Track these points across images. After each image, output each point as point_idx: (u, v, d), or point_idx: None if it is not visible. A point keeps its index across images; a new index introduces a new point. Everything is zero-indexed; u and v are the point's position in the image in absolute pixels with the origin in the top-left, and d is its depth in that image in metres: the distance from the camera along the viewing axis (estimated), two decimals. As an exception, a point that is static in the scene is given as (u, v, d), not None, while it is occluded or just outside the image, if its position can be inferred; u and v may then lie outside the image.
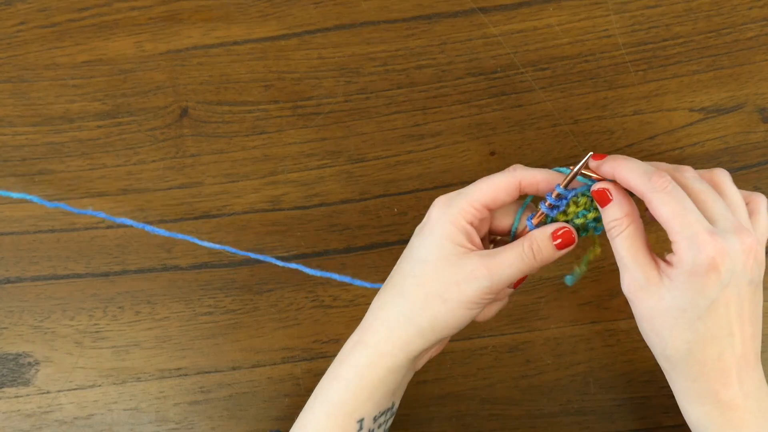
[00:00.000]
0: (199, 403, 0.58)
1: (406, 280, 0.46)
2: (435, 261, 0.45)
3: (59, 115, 0.60)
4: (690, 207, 0.43)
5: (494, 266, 0.45)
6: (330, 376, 0.47)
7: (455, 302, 0.45)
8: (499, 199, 0.47)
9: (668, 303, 0.43)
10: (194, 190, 0.59)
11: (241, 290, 0.59)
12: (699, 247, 0.42)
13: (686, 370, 0.44)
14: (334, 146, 0.59)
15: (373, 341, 0.46)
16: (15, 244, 0.59)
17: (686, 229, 0.42)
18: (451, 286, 0.45)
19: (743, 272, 0.43)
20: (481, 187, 0.46)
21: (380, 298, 0.48)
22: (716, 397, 0.44)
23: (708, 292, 0.42)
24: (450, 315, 0.46)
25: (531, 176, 0.47)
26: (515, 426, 0.58)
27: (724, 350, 0.43)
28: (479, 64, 0.59)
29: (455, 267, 0.45)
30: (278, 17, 0.60)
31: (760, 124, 0.59)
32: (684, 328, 0.43)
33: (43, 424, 0.58)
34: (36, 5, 0.60)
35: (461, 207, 0.46)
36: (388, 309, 0.46)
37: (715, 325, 0.43)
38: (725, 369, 0.43)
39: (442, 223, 0.46)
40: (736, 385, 0.43)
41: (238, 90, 0.60)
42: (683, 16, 0.60)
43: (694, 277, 0.42)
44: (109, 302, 0.58)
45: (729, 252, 0.42)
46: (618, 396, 0.58)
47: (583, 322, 0.58)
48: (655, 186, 0.43)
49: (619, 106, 0.59)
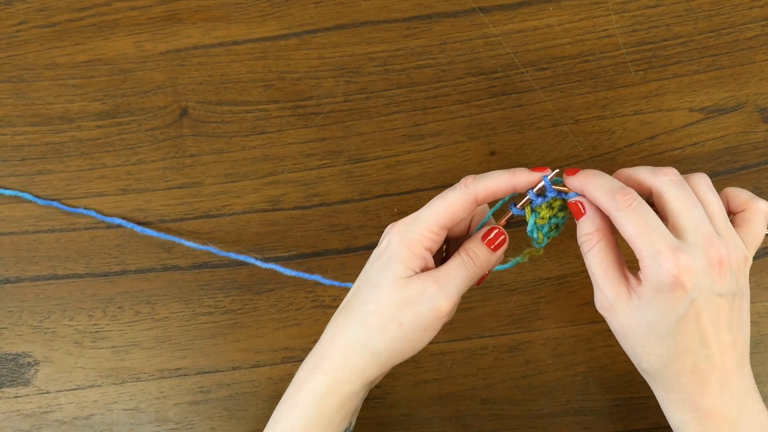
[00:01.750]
0: (199, 403, 0.58)
1: (362, 306, 0.46)
2: (388, 285, 0.45)
3: (59, 114, 0.60)
4: (654, 224, 0.43)
5: (442, 279, 0.45)
6: (288, 403, 0.47)
7: (410, 326, 0.45)
8: (456, 218, 0.46)
9: (638, 320, 0.43)
10: (194, 190, 0.59)
11: (241, 290, 0.59)
12: (661, 264, 0.42)
13: (662, 382, 0.44)
14: (334, 146, 0.59)
15: (331, 368, 0.46)
16: (14, 244, 0.59)
17: (649, 247, 0.42)
18: (405, 308, 0.45)
19: (712, 286, 0.43)
20: (437, 210, 0.46)
21: (337, 323, 0.47)
22: (694, 406, 0.44)
23: (674, 308, 0.42)
24: (406, 339, 0.46)
25: (485, 188, 0.46)
26: (515, 426, 0.58)
27: (699, 362, 0.43)
28: (479, 64, 0.59)
29: (407, 288, 0.45)
30: (278, 17, 0.60)
31: (761, 124, 0.59)
32: (655, 344, 0.43)
33: (42, 425, 0.58)
34: (36, 5, 0.60)
35: (419, 233, 0.46)
36: (346, 335, 0.46)
37: (686, 339, 0.43)
38: (702, 380, 0.43)
39: (398, 249, 0.46)
40: (715, 394, 0.43)
41: (237, 90, 0.60)
42: (683, 16, 0.60)
43: (659, 294, 0.42)
44: (108, 302, 0.58)
45: (692, 268, 0.42)
46: (618, 396, 0.58)
47: (583, 322, 0.58)
48: (618, 204, 0.43)
49: (619, 106, 0.59)
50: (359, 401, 0.48)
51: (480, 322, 0.58)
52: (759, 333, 0.58)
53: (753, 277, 0.58)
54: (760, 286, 0.58)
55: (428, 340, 0.46)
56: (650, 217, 0.43)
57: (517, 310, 0.59)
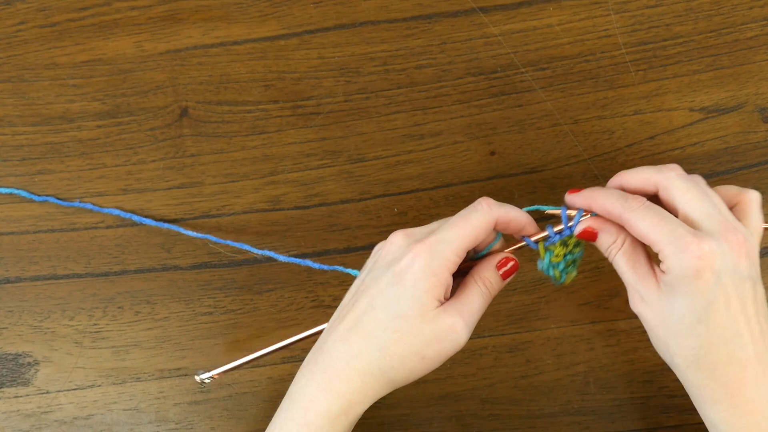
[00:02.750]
0: (199, 403, 0.58)
1: (384, 334, 0.45)
2: (414, 318, 0.44)
3: (59, 114, 0.60)
4: (668, 216, 0.43)
5: (466, 313, 0.46)
6: (297, 421, 0.46)
7: (433, 360, 0.45)
8: (478, 241, 0.46)
9: (668, 311, 0.43)
10: (194, 190, 0.59)
11: (241, 290, 0.59)
12: (684, 250, 0.42)
13: (697, 376, 0.43)
14: (334, 146, 0.59)
15: (347, 392, 0.45)
16: (15, 244, 0.59)
17: (668, 236, 0.42)
18: (431, 344, 0.45)
19: (736, 270, 0.42)
20: (463, 233, 0.45)
21: (350, 342, 0.46)
22: (731, 401, 0.43)
23: (703, 294, 0.42)
24: (425, 371, 0.46)
25: (505, 214, 0.46)
26: (515, 426, 0.58)
27: (734, 352, 0.42)
28: (479, 64, 0.59)
29: (435, 323, 0.45)
30: (278, 17, 0.60)
31: (761, 124, 0.59)
32: (687, 334, 0.43)
33: (42, 424, 0.58)
34: (36, 5, 0.60)
35: (447, 258, 0.45)
36: (364, 359, 0.45)
37: (719, 326, 0.42)
38: (737, 372, 0.42)
39: (425, 277, 0.44)
40: (752, 387, 0.42)
41: (237, 90, 0.60)
42: (683, 16, 0.60)
43: (685, 281, 0.42)
44: (108, 302, 0.58)
45: (716, 251, 0.42)
46: (618, 396, 0.58)
47: (583, 322, 0.58)
48: (631, 206, 0.44)
49: (619, 106, 0.59)
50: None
51: (480, 322, 0.58)
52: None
53: (753, 277, 0.58)
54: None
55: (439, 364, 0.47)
56: (663, 212, 0.43)
57: (517, 310, 0.59)
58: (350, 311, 0.47)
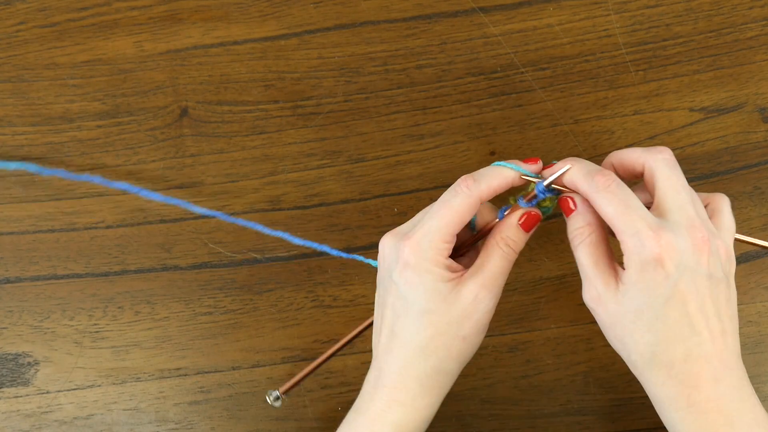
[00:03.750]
0: (199, 403, 0.58)
1: (420, 335, 0.45)
2: (438, 307, 0.45)
3: (59, 114, 0.60)
4: (634, 204, 0.42)
5: (489, 281, 0.46)
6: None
7: (473, 335, 0.46)
8: (463, 223, 0.46)
9: (625, 307, 0.43)
10: (194, 190, 0.59)
11: (241, 290, 0.59)
12: (643, 243, 0.41)
13: (654, 375, 0.43)
14: (334, 146, 0.59)
15: (408, 399, 0.46)
16: (15, 244, 0.59)
17: (630, 227, 0.42)
18: (464, 322, 0.45)
19: (696, 267, 0.42)
20: (446, 220, 0.45)
21: (395, 355, 0.46)
22: (688, 401, 0.42)
23: (660, 289, 0.41)
24: (472, 347, 0.47)
25: (488, 187, 0.46)
26: (515, 426, 0.58)
27: (690, 350, 0.42)
28: (479, 64, 0.59)
29: (458, 302, 0.45)
30: (278, 17, 0.60)
31: (761, 124, 0.59)
32: (644, 330, 0.42)
33: (42, 424, 0.58)
34: (36, 5, 0.60)
35: (437, 247, 0.45)
36: (414, 366, 0.46)
37: (675, 323, 0.42)
38: (694, 370, 0.42)
39: (426, 269, 0.45)
40: (709, 387, 0.42)
41: (238, 90, 0.60)
42: (683, 16, 0.60)
43: (642, 274, 0.41)
44: (108, 302, 0.58)
45: (675, 246, 0.41)
46: (618, 396, 0.58)
47: (583, 322, 0.58)
48: (597, 185, 0.43)
49: (619, 106, 0.59)
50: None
51: (480, 322, 0.58)
52: (759, 333, 0.58)
53: (753, 277, 0.58)
54: (761, 286, 0.58)
55: (485, 334, 0.47)
56: (630, 198, 0.43)
57: (517, 310, 0.59)
58: (382, 326, 0.48)
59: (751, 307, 0.58)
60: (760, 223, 0.59)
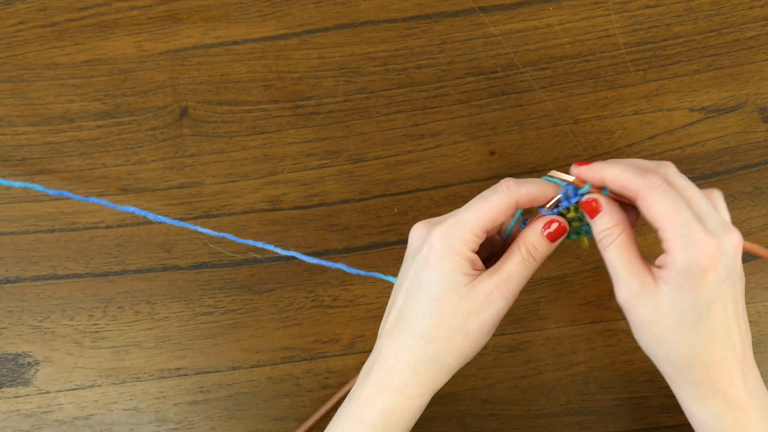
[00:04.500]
0: (199, 403, 0.58)
1: (425, 320, 0.45)
2: (449, 296, 0.45)
3: (59, 114, 0.60)
4: (684, 206, 0.42)
5: (504, 283, 0.45)
6: (352, 419, 0.46)
7: (477, 333, 0.45)
8: (497, 221, 0.46)
9: (668, 307, 0.43)
10: (194, 190, 0.59)
11: (241, 290, 0.59)
12: (696, 246, 0.41)
13: (692, 373, 0.44)
14: (334, 146, 0.59)
15: (400, 385, 0.46)
16: (15, 244, 0.59)
17: (682, 228, 0.42)
18: (470, 318, 0.45)
19: (734, 269, 0.43)
20: (479, 213, 0.45)
21: (396, 338, 0.46)
22: (724, 396, 0.43)
23: (707, 292, 0.42)
24: (474, 346, 0.46)
25: (527, 192, 0.46)
26: (515, 426, 0.58)
27: (727, 349, 0.43)
28: (479, 64, 0.59)
29: (470, 297, 0.45)
30: (278, 17, 0.60)
31: (761, 123, 0.59)
32: (687, 330, 0.43)
33: (42, 424, 0.58)
34: (36, 5, 0.60)
35: (464, 238, 0.45)
36: (411, 351, 0.46)
37: (717, 324, 0.43)
38: (730, 368, 0.43)
39: (447, 257, 0.45)
40: (740, 383, 0.43)
41: (238, 90, 0.60)
42: (683, 16, 0.60)
43: (691, 277, 0.42)
44: (108, 302, 0.58)
45: (722, 250, 0.42)
46: (618, 396, 0.58)
47: (583, 322, 0.58)
48: (650, 183, 0.43)
49: (619, 106, 0.59)
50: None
51: (480, 322, 0.58)
52: (759, 333, 0.58)
53: (753, 277, 0.58)
54: (761, 286, 0.58)
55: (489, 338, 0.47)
56: (680, 199, 0.43)
57: (517, 310, 0.58)
58: (392, 308, 0.48)
59: (751, 307, 0.58)
60: (760, 223, 0.59)
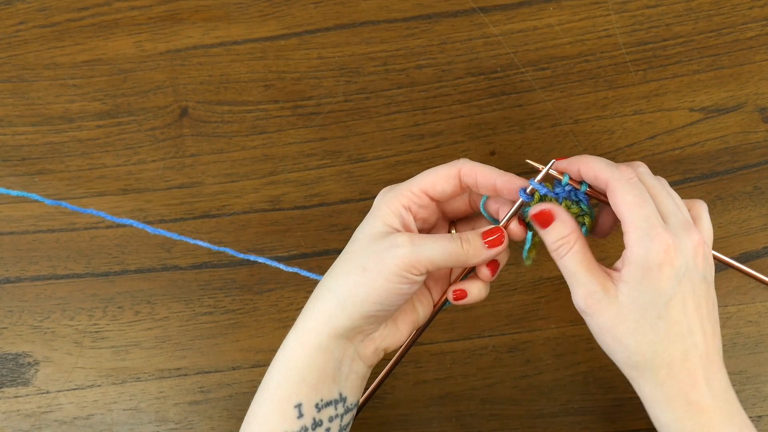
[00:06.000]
0: (199, 403, 0.58)
1: (340, 258, 0.47)
2: (363, 239, 0.46)
3: (59, 114, 0.60)
4: (649, 201, 0.43)
5: (418, 238, 0.45)
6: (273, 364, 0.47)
7: (374, 271, 0.44)
8: (438, 186, 0.47)
9: (627, 307, 0.43)
10: (194, 190, 0.59)
11: (241, 290, 0.59)
12: (653, 239, 0.42)
13: (653, 374, 0.44)
14: (334, 146, 0.59)
15: (302, 320, 0.46)
16: (15, 244, 0.59)
17: (643, 222, 0.42)
18: (372, 257, 0.45)
19: (695, 268, 0.43)
20: (423, 177, 0.47)
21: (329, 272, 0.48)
22: (685, 399, 0.43)
23: (664, 287, 0.42)
24: (369, 286, 0.45)
25: (471, 168, 0.47)
26: (515, 426, 0.58)
27: (689, 349, 0.43)
28: (479, 64, 0.59)
29: (379, 241, 0.45)
30: (278, 17, 0.60)
31: (761, 124, 0.59)
32: (646, 329, 0.43)
33: (42, 424, 0.58)
34: (36, 5, 0.60)
35: (399, 192, 0.47)
36: (318, 288, 0.47)
37: (676, 322, 0.43)
38: (692, 369, 0.43)
39: (377, 206, 0.47)
40: (703, 385, 0.43)
41: (238, 90, 0.60)
42: (683, 16, 0.60)
43: (648, 272, 0.42)
44: (108, 302, 0.58)
45: (680, 247, 0.42)
46: (618, 396, 0.58)
47: (583, 322, 0.58)
48: (621, 175, 0.44)
49: (619, 106, 0.59)
50: (341, 366, 0.46)
51: (480, 322, 0.58)
52: (759, 333, 0.58)
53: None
54: (761, 286, 0.58)
55: (396, 292, 0.45)
56: (647, 194, 0.44)
57: (517, 310, 0.59)
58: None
59: (751, 307, 0.58)
60: (760, 223, 0.59)
